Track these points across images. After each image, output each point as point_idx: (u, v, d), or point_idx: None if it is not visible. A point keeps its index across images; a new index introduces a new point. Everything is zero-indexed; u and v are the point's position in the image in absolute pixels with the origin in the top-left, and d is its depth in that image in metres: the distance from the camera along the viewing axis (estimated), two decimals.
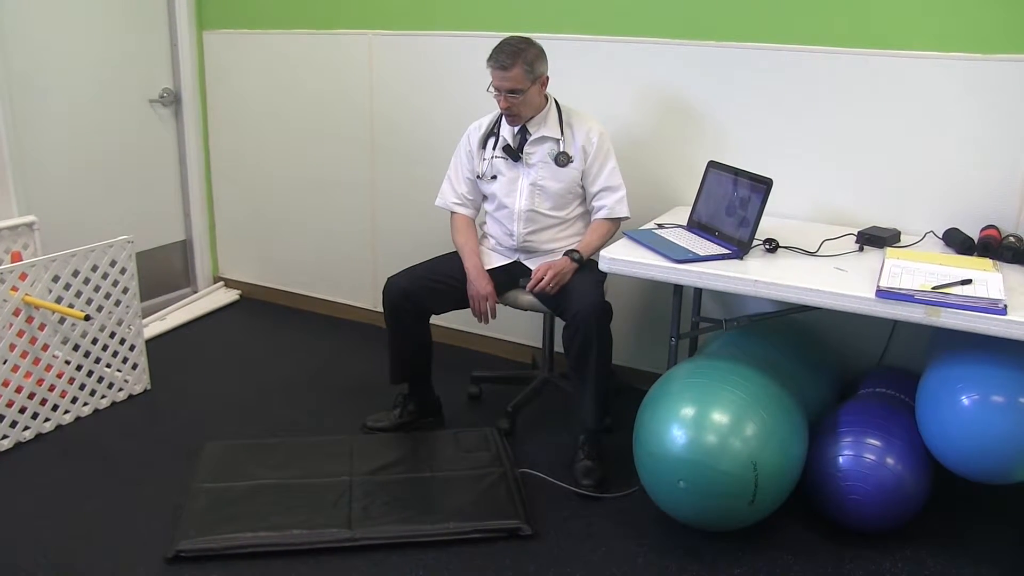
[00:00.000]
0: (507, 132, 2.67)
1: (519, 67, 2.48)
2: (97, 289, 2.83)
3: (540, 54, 2.55)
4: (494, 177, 2.70)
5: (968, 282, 2.04)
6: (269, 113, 3.73)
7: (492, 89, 2.55)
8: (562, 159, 2.62)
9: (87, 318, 2.73)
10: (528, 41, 2.53)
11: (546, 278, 2.52)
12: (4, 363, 2.61)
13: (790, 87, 2.69)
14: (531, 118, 2.62)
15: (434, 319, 2.73)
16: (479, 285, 2.63)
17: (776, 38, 2.67)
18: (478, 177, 2.74)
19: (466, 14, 3.16)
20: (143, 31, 3.62)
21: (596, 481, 2.49)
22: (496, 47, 2.52)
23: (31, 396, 2.70)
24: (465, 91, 3.19)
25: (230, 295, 4.05)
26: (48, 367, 2.75)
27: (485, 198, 2.79)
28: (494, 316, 2.65)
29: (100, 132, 3.51)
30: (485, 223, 2.85)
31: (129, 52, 3.57)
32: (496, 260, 2.76)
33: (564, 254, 2.59)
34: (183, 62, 3.73)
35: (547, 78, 2.59)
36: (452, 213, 2.81)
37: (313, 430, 2.82)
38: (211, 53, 3.80)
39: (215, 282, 4.13)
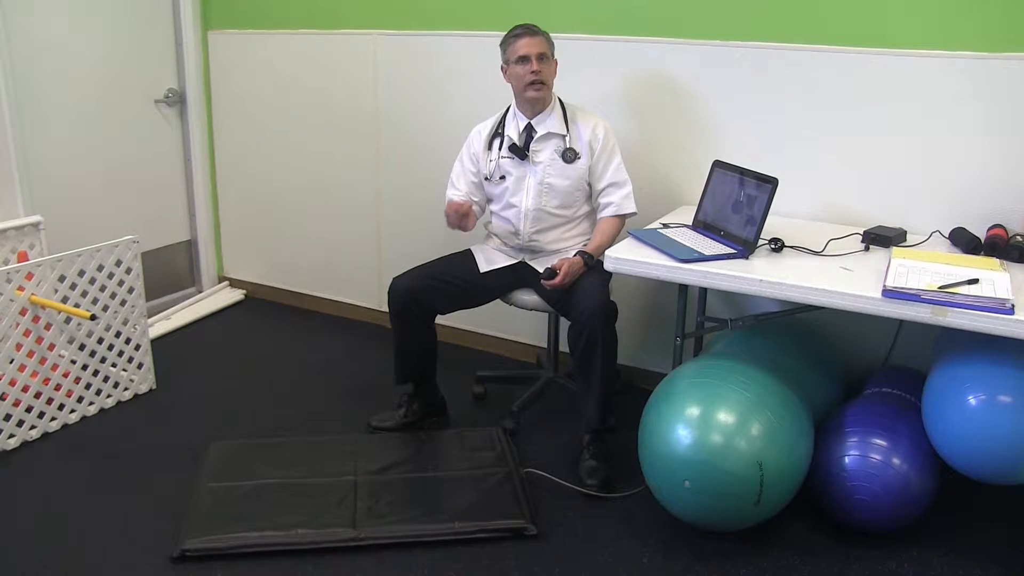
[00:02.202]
0: (513, 131, 2.67)
1: (543, 35, 2.59)
2: (103, 289, 2.84)
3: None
4: (502, 177, 2.70)
5: (975, 281, 2.03)
6: (274, 113, 3.74)
7: (516, 62, 2.57)
8: (569, 155, 2.62)
9: (93, 318, 2.74)
10: None
11: (560, 275, 2.51)
12: (11, 362, 2.62)
13: (796, 86, 2.68)
14: (542, 108, 2.63)
15: (439, 319, 2.73)
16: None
17: (781, 37, 2.67)
18: (486, 179, 2.74)
19: (471, 14, 3.16)
20: (148, 31, 3.62)
21: (601, 481, 2.49)
22: (515, 26, 2.60)
23: (37, 395, 2.70)
24: (470, 91, 3.19)
25: (235, 295, 4.06)
26: (54, 366, 2.76)
27: (490, 200, 2.79)
28: (462, 211, 2.62)
29: (105, 132, 3.52)
30: (490, 223, 2.85)
31: (134, 52, 3.58)
32: (501, 260, 2.76)
33: (576, 254, 2.59)
34: (188, 62, 3.74)
35: (556, 61, 2.66)
36: None
37: (318, 430, 2.82)
38: (216, 53, 3.81)
39: (220, 282, 4.13)
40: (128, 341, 2.96)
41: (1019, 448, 1.97)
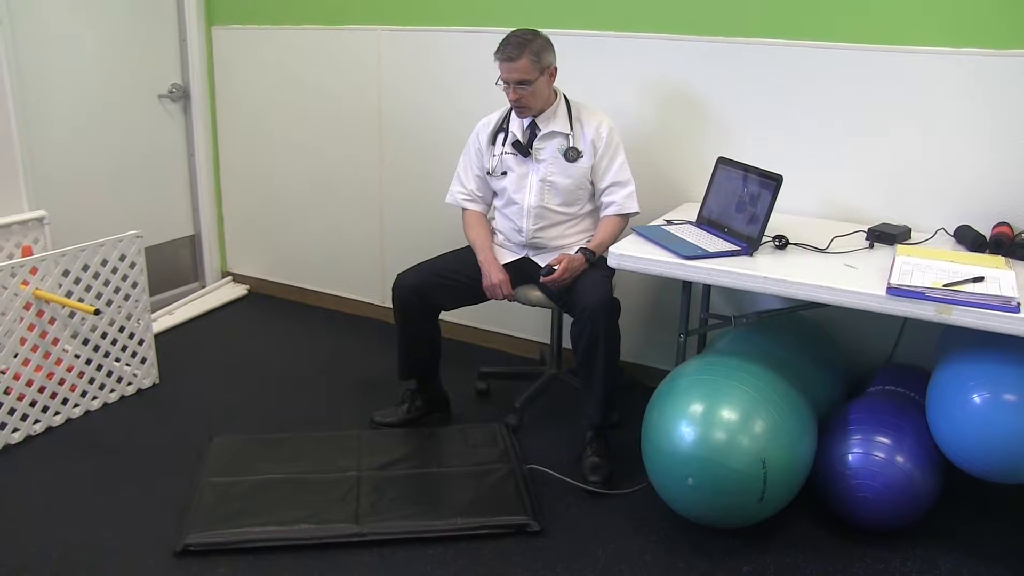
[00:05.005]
0: (516, 128, 2.67)
1: (526, 57, 2.48)
2: (106, 283, 2.84)
3: (547, 44, 2.54)
4: (504, 173, 2.69)
5: (980, 279, 2.02)
6: (278, 108, 3.74)
7: (500, 82, 2.54)
8: (572, 154, 2.61)
9: (96, 312, 2.74)
10: (534, 32, 2.53)
11: (559, 270, 2.51)
12: (15, 357, 2.62)
13: (800, 83, 2.67)
14: (541, 111, 2.61)
15: (443, 315, 2.73)
16: (492, 275, 2.63)
17: (786, 34, 2.66)
18: (488, 173, 2.74)
19: (475, 10, 3.15)
20: (152, 26, 3.62)
21: (604, 477, 2.49)
22: (503, 40, 2.52)
23: (41, 390, 2.71)
24: (474, 86, 3.19)
25: (238, 290, 4.06)
26: (58, 361, 2.76)
27: (495, 194, 2.79)
28: (512, 299, 2.68)
29: (109, 127, 3.52)
30: (494, 219, 2.85)
31: (138, 47, 3.58)
32: (505, 256, 2.75)
33: (577, 251, 2.59)
34: (192, 57, 3.73)
35: (555, 69, 2.58)
36: (463, 209, 2.81)
37: (321, 425, 2.82)
38: (220, 48, 3.81)
39: (223, 277, 4.14)
40: (132, 336, 2.97)
41: (1023, 446, 1.96)
